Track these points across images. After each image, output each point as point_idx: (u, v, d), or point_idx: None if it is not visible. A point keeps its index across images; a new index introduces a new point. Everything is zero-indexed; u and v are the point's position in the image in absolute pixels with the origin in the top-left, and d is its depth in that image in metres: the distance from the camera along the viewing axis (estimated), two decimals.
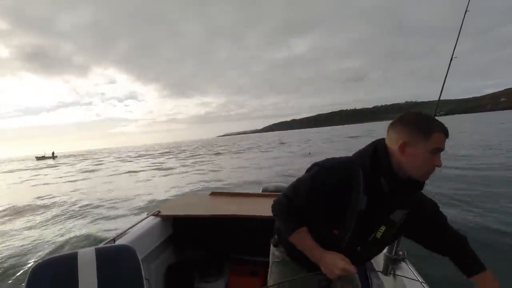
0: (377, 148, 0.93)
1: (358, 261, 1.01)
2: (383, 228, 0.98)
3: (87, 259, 0.99)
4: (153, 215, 2.09)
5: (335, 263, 0.93)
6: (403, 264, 1.26)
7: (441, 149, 0.86)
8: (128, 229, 1.80)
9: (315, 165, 0.99)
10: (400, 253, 1.24)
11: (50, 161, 47.94)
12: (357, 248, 1.01)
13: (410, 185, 0.91)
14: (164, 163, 22.01)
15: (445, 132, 0.86)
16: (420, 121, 0.87)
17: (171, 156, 29.91)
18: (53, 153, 64.64)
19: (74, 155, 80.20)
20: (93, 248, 1.04)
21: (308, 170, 1.02)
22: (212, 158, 22.67)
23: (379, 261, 1.44)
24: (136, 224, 1.90)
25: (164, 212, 2.13)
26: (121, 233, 1.70)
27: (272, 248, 1.25)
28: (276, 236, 1.23)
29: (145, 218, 2.04)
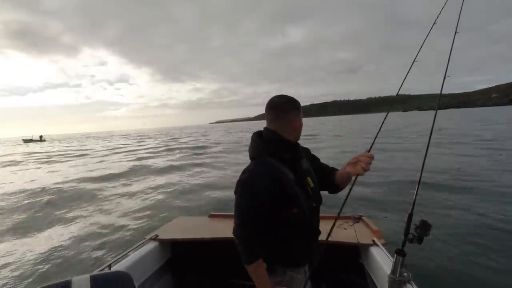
0: (262, 135, 1.24)
1: (317, 215, 1.26)
2: (309, 179, 1.24)
3: (81, 287, 0.95)
4: (150, 239, 2.02)
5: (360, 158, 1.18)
6: (408, 287, 1.21)
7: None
8: (125, 253, 1.74)
9: (239, 184, 1.16)
10: (405, 274, 1.20)
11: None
12: (313, 205, 1.21)
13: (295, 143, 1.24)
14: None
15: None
16: (294, 101, 1.24)
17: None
18: (41, 136, 66.48)
19: (64, 139, 77.93)
20: (88, 275, 0.99)
21: (236, 190, 1.17)
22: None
23: (383, 283, 1.41)
24: (133, 248, 1.83)
25: (162, 236, 2.06)
26: (117, 259, 1.64)
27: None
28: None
29: (143, 242, 1.97)
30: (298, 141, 1.31)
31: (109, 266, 1.52)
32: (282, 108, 1.24)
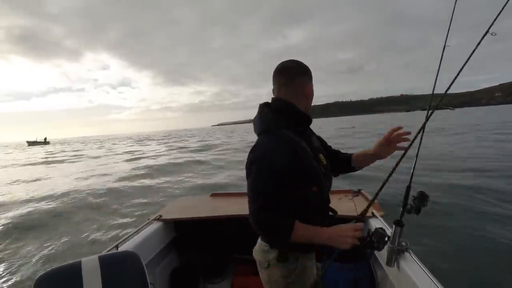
0: (272, 105, 1.12)
1: (328, 198, 1.15)
2: (321, 156, 1.14)
3: (91, 267, 0.97)
4: (154, 219, 2.08)
5: (345, 233, 0.97)
6: (406, 255, 1.24)
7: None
8: (131, 234, 1.78)
9: (252, 162, 1.03)
10: (403, 243, 1.23)
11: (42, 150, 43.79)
12: (327, 184, 1.13)
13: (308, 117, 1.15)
14: None
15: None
16: (305, 66, 1.12)
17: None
18: (45, 138, 67.56)
19: (68, 143, 78.81)
20: (96, 256, 1.02)
21: (249, 171, 1.03)
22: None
23: (382, 253, 1.41)
24: (138, 229, 1.88)
25: (166, 216, 2.12)
26: (124, 239, 1.68)
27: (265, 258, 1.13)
28: (268, 246, 1.13)
29: (147, 223, 2.03)
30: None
31: (116, 247, 1.55)
32: (293, 72, 1.12)
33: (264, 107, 1.14)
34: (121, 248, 1.57)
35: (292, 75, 1.12)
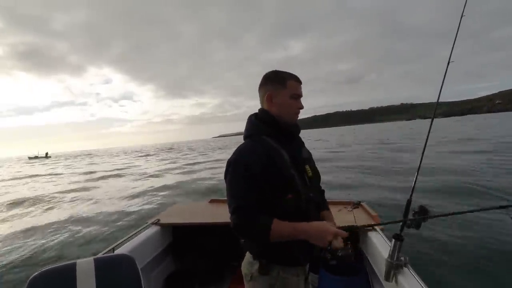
0: (257, 115, 1.14)
1: (317, 210, 1.12)
2: (307, 167, 1.13)
3: (85, 269, 0.97)
4: (152, 223, 2.05)
5: (325, 229, 0.95)
6: (405, 270, 1.21)
7: (297, 94, 1.09)
8: (127, 238, 1.75)
9: (229, 164, 1.05)
10: (402, 258, 1.21)
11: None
12: (310, 194, 1.08)
13: (295, 126, 1.14)
14: None
15: (296, 79, 1.09)
16: (275, 74, 1.10)
17: None
18: (46, 153, 67.88)
19: (71, 157, 75.97)
20: (91, 258, 1.02)
21: (226, 172, 1.06)
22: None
23: (381, 267, 1.40)
24: (135, 233, 1.85)
25: (164, 221, 2.08)
26: (120, 242, 1.65)
27: (248, 267, 1.11)
28: (252, 257, 1.11)
29: (145, 226, 2.00)
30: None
31: (113, 250, 1.53)
32: (261, 82, 1.15)
33: (251, 116, 1.19)
34: (117, 251, 1.55)
35: (260, 85, 1.16)
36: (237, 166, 1.03)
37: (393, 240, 1.22)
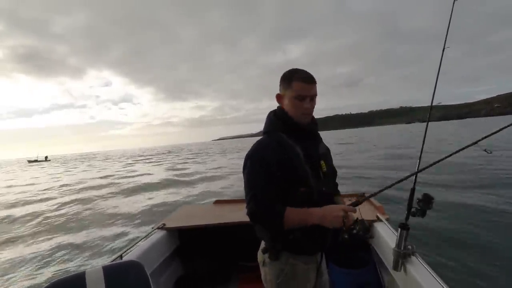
0: (276, 112, 1.19)
1: (329, 202, 1.10)
2: (323, 162, 1.17)
3: (95, 278, 0.97)
4: (158, 228, 2.07)
5: (334, 209, 1.02)
6: (413, 258, 1.23)
7: (303, 95, 1.09)
8: (135, 244, 1.78)
9: (247, 158, 1.11)
10: (409, 247, 1.23)
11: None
12: (322, 189, 1.12)
13: (311, 124, 1.18)
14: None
15: (303, 80, 1.09)
16: (284, 75, 1.13)
17: None
18: (46, 157, 69.05)
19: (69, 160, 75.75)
20: (100, 266, 1.02)
21: (245, 166, 1.12)
22: None
23: (388, 257, 1.41)
24: (142, 238, 1.88)
25: (169, 225, 2.10)
26: (128, 249, 1.68)
27: (263, 256, 1.17)
28: (265, 244, 1.17)
29: (151, 232, 2.02)
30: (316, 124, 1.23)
31: (121, 257, 1.55)
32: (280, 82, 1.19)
33: (271, 113, 1.23)
34: (125, 258, 1.56)
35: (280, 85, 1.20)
36: (254, 160, 1.10)
37: (399, 229, 1.23)
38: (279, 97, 1.19)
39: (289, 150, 1.10)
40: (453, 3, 1.33)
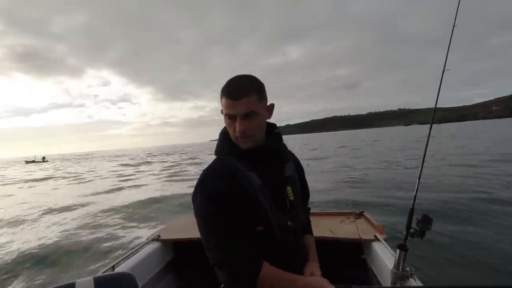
0: (224, 129, 0.95)
1: (297, 240, 0.98)
2: (289, 188, 0.95)
3: None
4: (152, 239, 2.03)
5: (321, 285, 0.82)
6: (411, 281, 1.18)
7: (229, 114, 0.86)
8: (127, 255, 1.73)
9: (196, 188, 0.91)
10: (407, 269, 1.17)
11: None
12: (287, 223, 0.92)
13: (274, 140, 0.96)
14: None
15: (228, 96, 0.85)
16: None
17: None
18: (43, 157, 66.59)
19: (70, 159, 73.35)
20: (91, 277, 0.99)
21: (194, 198, 0.93)
22: None
23: (386, 278, 1.37)
24: (135, 250, 1.83)
25: (164, 236, 2.06)
26: (120, 260, 1.63)
27: None
28: None
29: (145, 243, 1.98)
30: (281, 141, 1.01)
31: (113, 268, 1.50)
32: None
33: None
34: (117, 269, 1.52)
35: None
36: (202, 191, 0.89)
37: (398, 250, 1.19)
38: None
39: (241, 178, 0.89)
40: (453, 27, 1.29)
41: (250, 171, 0.90)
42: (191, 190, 0.99)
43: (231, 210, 0.86)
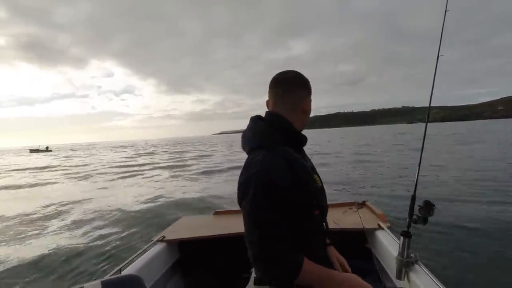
0: (270, 120, 0.99)
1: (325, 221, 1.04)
2: (316, 177, 1.01)
3: None
4: (158, 240, 2.05)
5: (355, 282, 0.90)
6: (416, 267, 1.21)
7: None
8: (134, 257, 1.77)
9: (248, 181, 0.89)
10: (412, 255, 1.20)
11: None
12: (326, 208, 1.02)
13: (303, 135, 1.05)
14: None
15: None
16: (303, 78, 1.03)
17: None
18: (47, 147, 67.52)
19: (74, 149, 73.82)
20: (99, 281, 1.00)
21: (245, 193, 0.89)
22: None
23: (391, 266, 1.39)
24: (141, 251, 1.86)
25: (169, 237, 2.08)
26: (127, 262, 1.66)
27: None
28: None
29: (150, 244, 2.00)
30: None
31: (120, 271, 1.51)
32: (293, 84, 1.01)
33: (257, 120, 1.03)
34: (124, 272, 1.53)
35: (292, 87, 1.01)
36: (260, 183, 0.86)
37: (401, 237, 1.21)
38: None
39: (299, 167, 0.92)
40: (445, 12, 1.28)
41: (302, 160, 0.97)
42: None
43: (291, 199, 0.88)
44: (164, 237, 2.08)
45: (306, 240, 0.95)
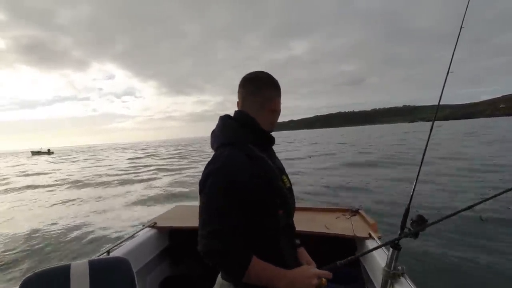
0: (237, 118, 1.01)
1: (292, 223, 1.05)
2: (284, 177, 1.02)
3: (80, 272, 0.96)
4: (149, 226, 2.04)
5: (309, 274, 0.87)
6: (402, 280, 1.19)
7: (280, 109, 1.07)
8: (123, 241, 1.74)
9: (208, 175, 0.89)
10: (399, 268, 1.19)
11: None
12: (292, 208, 1.02)
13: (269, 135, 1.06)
14: None
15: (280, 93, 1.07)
16: (272, 78, 1.04)
17: None
18: (48, 149, 68.58)
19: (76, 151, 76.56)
20: (86, 260, 1.01)
21: (202, 186, 0.90)
22: None
23: (377, 276, 1.37)
24: (131, 235, 1.84)
25: (160, 224, 2.07)
26: (116, 245, 1.64)
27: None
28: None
29: (141, 229, 1.99)
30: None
31: (108, 252, 1.53)
32: (261, 83, 1.02)
33: (226, 118, 1.03)
34: (112, 254, 1.54)
35: (260, 86, 1.02)
36: (219, 178, 0.87)
37: (391, 248, 1.20)
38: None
39: (265, 166, 0.92)
40: (460, 29, 1.26)
41: (268, 159, 0.96)
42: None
43: (250, 196, 0.87)
44: (155, 223, 2.07)
45: (270, 239, 0.94)
